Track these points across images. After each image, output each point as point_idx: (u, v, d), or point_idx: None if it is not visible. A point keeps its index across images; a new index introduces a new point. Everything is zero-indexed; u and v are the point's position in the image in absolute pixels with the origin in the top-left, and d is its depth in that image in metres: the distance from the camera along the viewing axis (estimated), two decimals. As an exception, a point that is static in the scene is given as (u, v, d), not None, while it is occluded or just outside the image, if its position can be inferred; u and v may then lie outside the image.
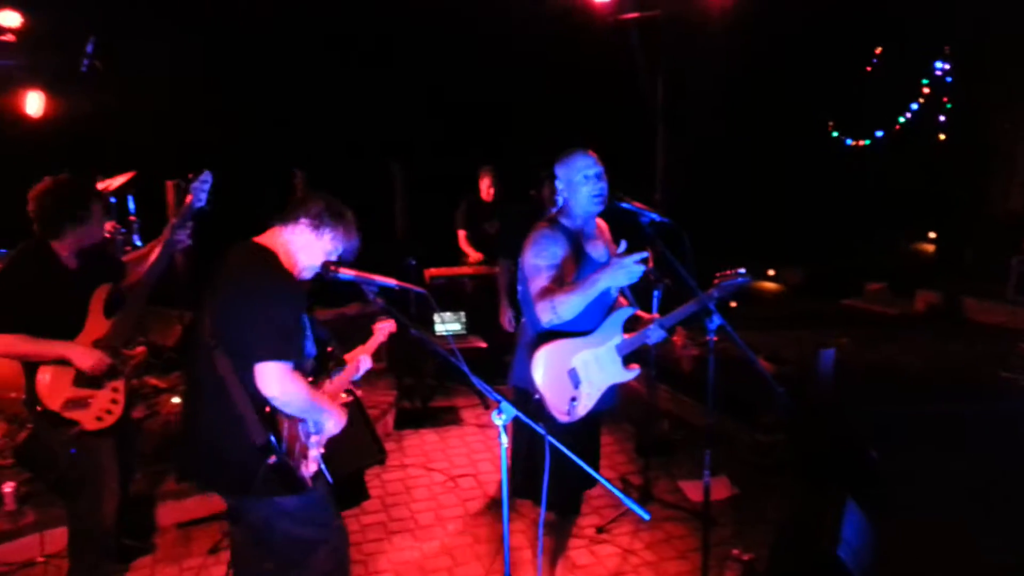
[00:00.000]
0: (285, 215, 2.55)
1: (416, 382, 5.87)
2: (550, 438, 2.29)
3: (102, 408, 3.12)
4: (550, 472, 2.72)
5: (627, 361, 3.18)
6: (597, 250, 3.26)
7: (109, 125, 6.36)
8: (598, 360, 3.17)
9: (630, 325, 3.18)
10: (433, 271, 6.24)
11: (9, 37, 6.21)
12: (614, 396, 3.22)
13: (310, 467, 2.58)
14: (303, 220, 2.53)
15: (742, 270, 3.31)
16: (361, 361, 3.02)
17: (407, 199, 8.03)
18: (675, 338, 5.50)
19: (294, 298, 2.47)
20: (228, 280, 2.47)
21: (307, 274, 2.58)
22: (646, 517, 2.09)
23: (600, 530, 3.95)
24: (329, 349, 2.89)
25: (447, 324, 5.86)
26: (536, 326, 3.09)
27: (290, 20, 7.27)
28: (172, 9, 6.85)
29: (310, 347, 2.69)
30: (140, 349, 3.38)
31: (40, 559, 3.73)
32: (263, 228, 2.58)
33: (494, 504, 4.29)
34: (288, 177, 7.28)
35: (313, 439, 2.62)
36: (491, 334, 5.64)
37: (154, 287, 3.32)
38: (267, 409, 2.39)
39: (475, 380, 2.33)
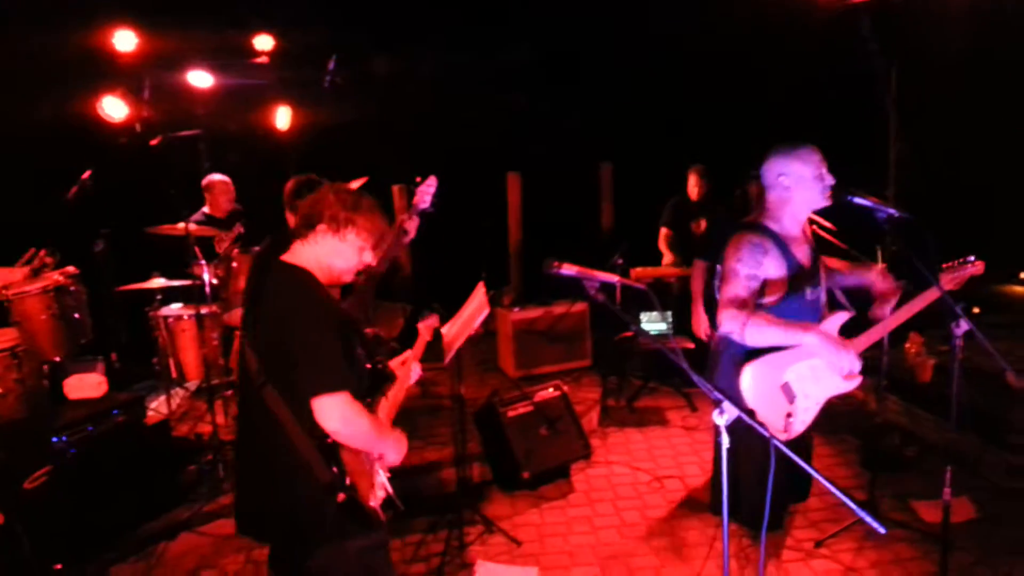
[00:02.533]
0: (301, 226, 2.37)
1: (621, 381, 5.86)
2: (778, 443, 2.15)
3: None
4: (755, 485, 2.60)
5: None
6: (803, 252, 3.06)
7: (345, 135, 6.96)
8: (813, 371, 2.97)
9: (846, 331, 2.96)
10: (639, 271, 6.19)
11: (263, 59, 7.03)
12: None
13: (378, 495, 2.41)
14: (320, 227, 2.33)
15: (971, 257, 2.97)
16: (412, 371, 2.79)
17: (613, 198, 8.03)
18: (907, 345, 5.01)
19: (335, 320, 2.28)
20: (265, 310, 2.30)
21: (348, 277, 2.44)
22: (881, 530, 1.92)
23: (818, 544, 3.69)
24: (377, 365, 2.60)
25: (652, 323, 5.79)
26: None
27: (494, 30, 7.53)
28: (399, 29, 7.36)
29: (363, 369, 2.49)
30: (369, 331, 3.69)
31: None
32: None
33: (702, 508, 4.16)
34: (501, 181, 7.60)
35: (378, 464, 2.45)
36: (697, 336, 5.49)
37: (381, 281, 3.64)
38: (328, 440, 2.22)
39: (696, 379, 2.26)
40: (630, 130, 7.58)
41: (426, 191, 3.53)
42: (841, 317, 3.02)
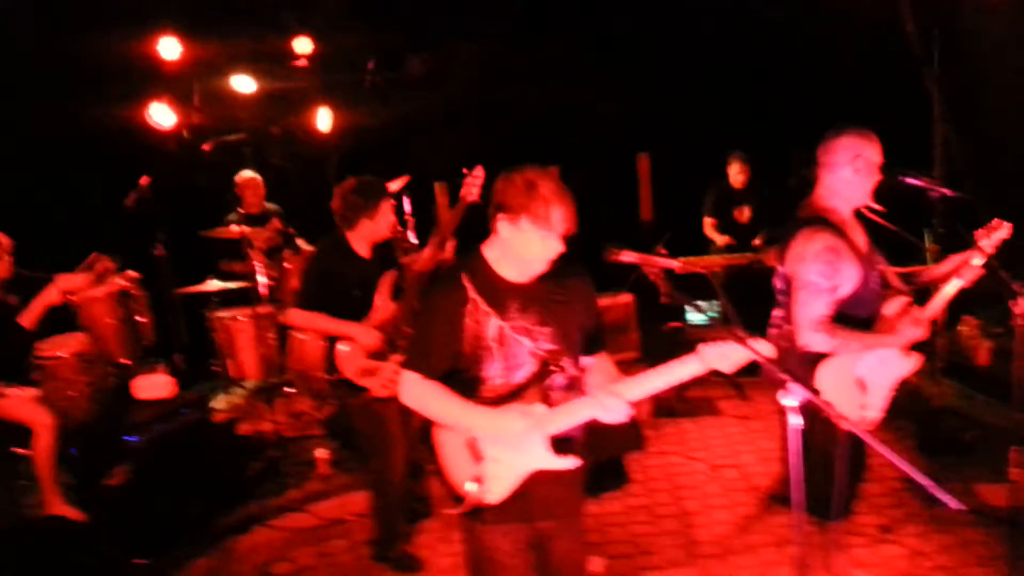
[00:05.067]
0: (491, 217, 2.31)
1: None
2: (858, 431, 2.15)
3: (387, 377, 3.50)
4: (821, 472, 2.60)
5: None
6: (860, 239, 3.02)
7: (386, 134, 7.03)
8: (881, 359, 2.96)
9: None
10: (682, 260, 6.19)
11: (303, 62, 7.12)
12: None
13: (479, 494, 2.35)
14: (500, 216, 2.25)
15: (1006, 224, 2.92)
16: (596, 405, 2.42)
17: (652, 186, 8.01)
18: (961, 327, 4.98)
19: (440, 311, 2.33)
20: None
21: (538, 265, 2.30)
22: (958, 506, 1.92)
23: (886, 529, 3.69)
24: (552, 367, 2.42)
25: (699, 313, 5.78)
26: None
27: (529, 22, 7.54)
28: (434, 26, 7.41)
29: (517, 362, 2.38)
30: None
31: (349, 517, 4.24)
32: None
33: (761, 496, 4.18)
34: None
35: (480, 464, 2.35)
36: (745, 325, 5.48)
37: (428, 280, 3.70)
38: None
39: (762, 361, 2.26)
40: (667, 119, 7.55)
41: (473, 183, 3.59)
42: (900, 302, 3.00)
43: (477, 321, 2.31)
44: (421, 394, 2.34)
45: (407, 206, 6.30)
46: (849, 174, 2.93)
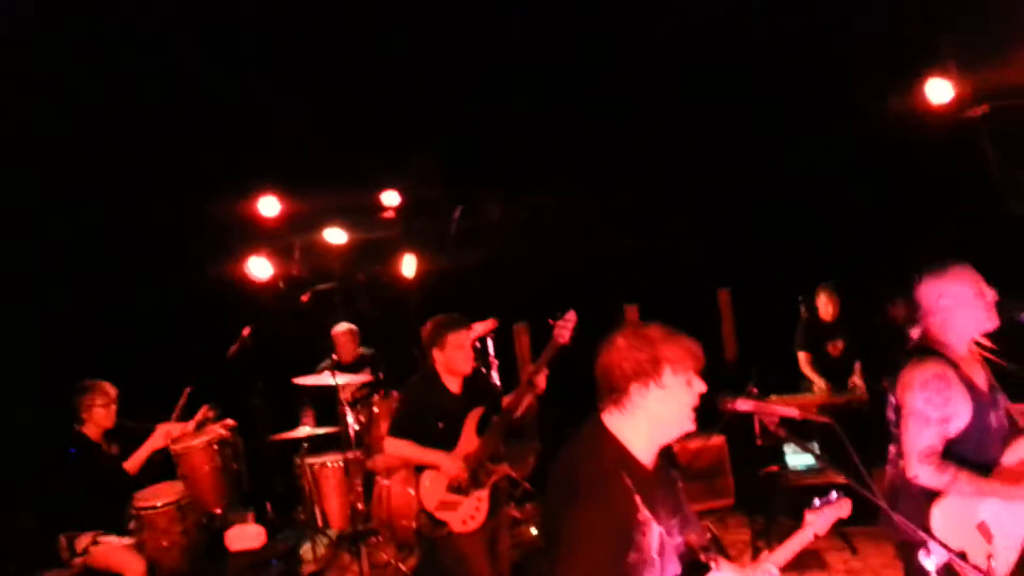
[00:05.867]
0: (606, 396, 2.00)
1: (769, 521, 5.53)
2: None
3: (467, 513, 3.55)
4: None
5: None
6: (978, 376, 2.87)
7: (469, 278, 7.24)
8: (1010, 508, 2.73)
9: None
10: (777, 399, 5.97)
11: (390, 214, 7.52)
12: None
13: None
14: (632, 386, 1.96)
15: None
16: None
17: (734, 321, 7.92)
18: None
19: (613, 527, 1.88)
20: (561, 464, 2.07)
21: (684, 425, 2.04)
22: None
23: None
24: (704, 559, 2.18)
25: (799, 455, 5.51)
26: None
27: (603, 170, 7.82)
28: (514, 177, 7.77)
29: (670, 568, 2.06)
30: (503, 468, 3.73)
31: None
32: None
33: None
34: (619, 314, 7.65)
35: None
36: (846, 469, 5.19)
37: (514, 422, 3.78)
38: None
39: (897, 518, 2.12)
40: (745, 253, 7.57)
41: (565, 326, 3.65)
42: None
43: (643, 533, 1.92)
44: None
45: (491, 348, 6.38)
46: (941, 314, 2.85)
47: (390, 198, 7.43)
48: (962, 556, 2.46)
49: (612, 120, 7.20)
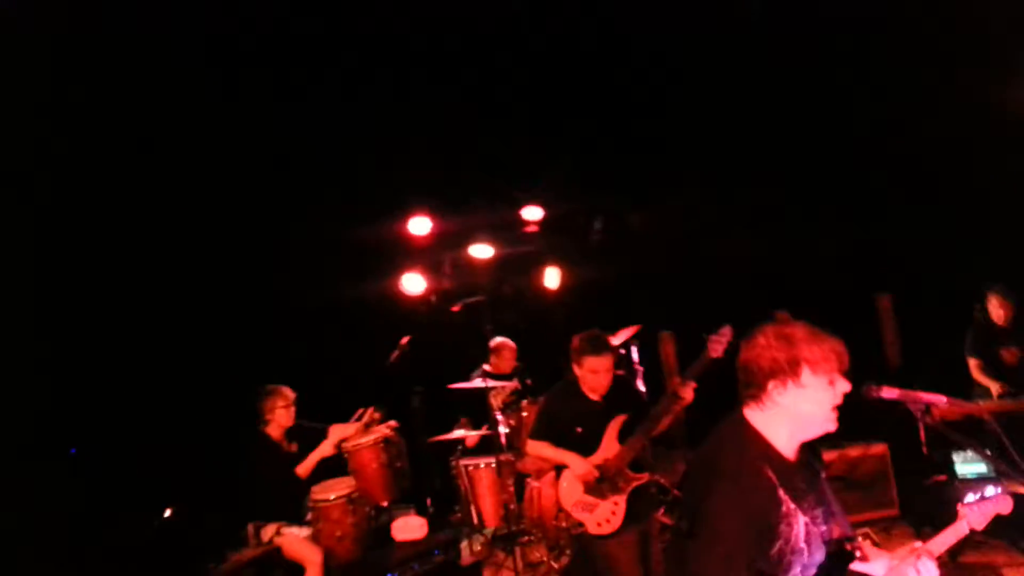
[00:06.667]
0: (747, 394, 2.05)
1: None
2: None
3: (603, 516, 3.65)
4: None
5: None
6: None
7: (611, 288, 7.35)
8: None
9: None
10: (942, 409, 5.64)
11: (533, 228, 7.78)
12: None
13: None
14: (770, 384, 1.99)
15: None
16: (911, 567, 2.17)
17: (897, 326, 7.53)
18: None
19: (754, 515, 1.90)
20: (700, 456, 2.15)
21: (826, 425, 2.03)
22: None
23: None
24: (843, 547, 2.15)
25: (969, 464, 5.18)
26: None
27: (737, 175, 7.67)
28: (648, 186, 7.81)
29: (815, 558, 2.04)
30: (644, 476, 3.78)
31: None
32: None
33: None
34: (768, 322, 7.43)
35: None
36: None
37: (660, 431, 3.83)
38: None
39: None
40: (906, 256, 7.19)
41: (720, 340, 3.67)
42: None
43: (789, 524, 1.94)
44: None
45: (635, 355, 6.46)
46: None
47: (532, 213, 7.70)
48: None
49: (753, 120, 7.08)
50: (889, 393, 2.51)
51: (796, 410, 1.99)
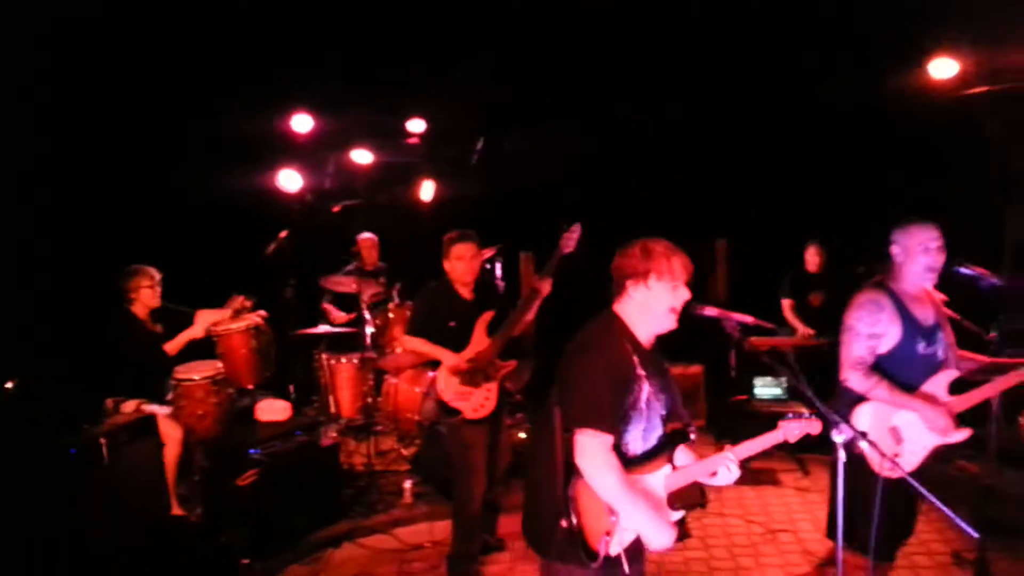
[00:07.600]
0: (614, 290, 2.60)
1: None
2: (910, 479, 2.59)
3: (478, 402, 4.08)
4: (865, 515, 2.92)
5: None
6: (924, 312, 3.37)
7: (481, 205, 7.70)
8: (920, 418, 3.28)
9: (953, 387, 3.27)
10: (754, 340, 6.50)
11: (414, 140, 7.96)
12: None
13: (608, 546, 2.44)
14: (629, 284, 2.55)
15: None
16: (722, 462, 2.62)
17: (728, 269, 8.36)
18: (1021, 417, 5.13)
19: (615, 370, 2.46)
20: (574, 339, 2.59)
21: (668, 322, 2.57)
22: (974, 534, 2.28)
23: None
24: (678, 426, 2.70)
25: (768, 388, 6.09)
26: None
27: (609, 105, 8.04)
28: (529, 110, 8.09)
29: (653, 424, 2.60)
30: (512, 363, 4.25)
31: (427, 544, 4.69)
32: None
33: (815, 560, 4.41)
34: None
35: (615, 520, 2.46)
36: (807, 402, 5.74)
37: (521, 324, 4.21)
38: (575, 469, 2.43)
39: (817, 403, 2.65)
40: (746, 205, 7.91)
41: (571, 236, 4.11)
42: (948, 375, 3.33)
43: (640, 387, 2.51)
44: (605, 465, 2.39)
45: (498, 271, 6.93)
46: (895, 258, 3.36)
47: (415, 125, 7.86)
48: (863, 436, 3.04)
49: (629, 60, 7.37)
50: (710, 311, 3.04)
51: (646, 305, 2.54)
